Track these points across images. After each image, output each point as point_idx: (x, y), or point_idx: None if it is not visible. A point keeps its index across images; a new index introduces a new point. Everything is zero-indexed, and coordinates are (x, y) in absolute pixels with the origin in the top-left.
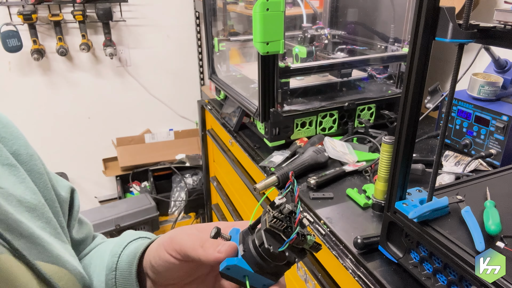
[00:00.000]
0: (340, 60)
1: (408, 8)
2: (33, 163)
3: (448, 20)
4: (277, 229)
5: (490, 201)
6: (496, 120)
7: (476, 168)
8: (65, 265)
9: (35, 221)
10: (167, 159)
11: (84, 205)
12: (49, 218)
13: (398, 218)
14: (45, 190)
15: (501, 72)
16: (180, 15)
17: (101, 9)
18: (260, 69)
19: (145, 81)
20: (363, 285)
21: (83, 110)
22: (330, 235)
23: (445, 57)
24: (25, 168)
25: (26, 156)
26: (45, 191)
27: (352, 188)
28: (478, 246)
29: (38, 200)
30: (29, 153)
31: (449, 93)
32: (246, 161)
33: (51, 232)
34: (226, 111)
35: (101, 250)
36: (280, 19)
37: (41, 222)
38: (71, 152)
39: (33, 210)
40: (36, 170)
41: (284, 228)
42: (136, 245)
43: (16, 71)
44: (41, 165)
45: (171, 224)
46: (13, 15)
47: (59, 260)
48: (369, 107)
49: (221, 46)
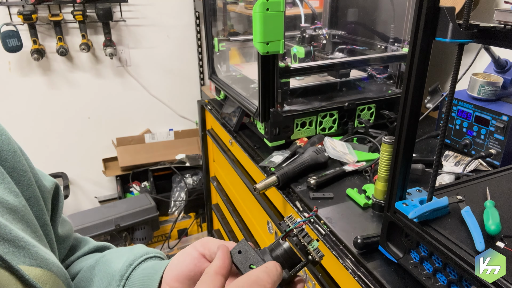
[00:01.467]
0: (340, 60)
1: (408, 8)
2: (16, 160)
3: (448, 20)
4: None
5: (490, 201)
6: (496, 120)
7: (476, 168)
8: (50, 268)
9: (16, 223)
10: (167, 159)
11: (84, 205)
12: (29, 220)
13: (398, 218)
14: (28, 188)
15: (501, 72)
16: (180, 15)
17: (101, 9)
18: (260, 69)
19: (145, 81)
20: (363, 285)
21: (83, 110)
22: (330, 235)
23: (445, 57)
24: (7, 165)
25: (9, 153)
26: (28, 189)
27: (352, 188)
28: (478, 246)
29: (19, 201)
30: (12, 149)
31: (449, 93)
32: (246, 161)
33: (31, 235)
34: (226, 111)
35: (109, 256)
36: (280, 19)
37: (22, 224)
38: (71, 152)
39: (14, 212)
40: (20, 167)
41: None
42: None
43: (16, 71)
44: (25, 161)
45: (171, 224)
46: (13, 15)
47: (44, 262)
48: (369, 107)
49: (221, 46)
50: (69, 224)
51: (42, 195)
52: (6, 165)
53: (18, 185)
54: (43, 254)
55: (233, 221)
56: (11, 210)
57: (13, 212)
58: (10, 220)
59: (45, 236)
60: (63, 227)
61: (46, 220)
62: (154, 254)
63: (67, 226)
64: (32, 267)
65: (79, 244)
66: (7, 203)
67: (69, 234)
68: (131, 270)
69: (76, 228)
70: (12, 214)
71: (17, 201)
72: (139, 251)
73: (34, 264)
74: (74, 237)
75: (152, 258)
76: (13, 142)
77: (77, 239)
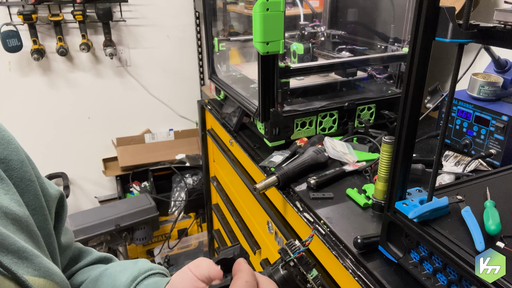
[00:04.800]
0: (340, 60)
1: (408, 8)
2: (23, 169)
3: (448, 20)
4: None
5: (490, 201)
6: (496, 120)
7: (476, 168)
8: (53, 278)
9: (19, 234)
10: (167, 159)
11: (84, 205)
12: (32, 231)
13: (398, 218)
14: (34, 198)
15: (501, 72)
16: (180, 15)
17: (101, 9)
18: (260, 69)
19: (145, 81)
20: (363, 285)
21: (83, 110)
22: (330, 235)
23: (445, 57)
24: (15, 175)
25: (17, 162)
26: (34, 199)
27: (352, 188)
28: (478, 246)
29: (23, 212)
30: (20, 159)
31: (449, 93)
32: (246, 161)
33: (33, 246)
34: (226, 111)
35: (113, 270)
36: (280, 19)
37: (24, 235)
38: (71, 152)
39: (18, 223)
40: (27, 177)
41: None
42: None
43: (16, 71)
44: (32, 170)
45: (171, 224)
46: (13, 15)
47: (47, 273)
48: (369, 107)
49: (221, 46)
50: (70, 232)
51: (47, 204)
52: (13, 175)
53: (24, 194)
54: (46, 265)
55: (233, 221)
56: (15, 220)
57: (17, 222)
58: (14, 231)
59: (48, 246)
60: (65, 236)
61: (50, 230)
62: (158, 270)
63: (69, 234)
64: (36, 278)
65: (82, 254)
66: (12, 214)
67: (70, 243)
68: (135, 286)
69: (76, 228)
70: (16, 225)
71: (22, 211)
72: (143, 267)
73: (37, 275)
74: (77, 247)
75: (156, 274)
76: (22, 151)
77: (80, 249)
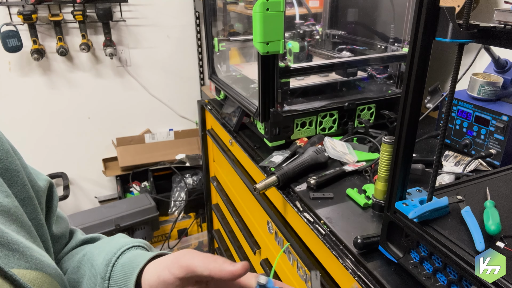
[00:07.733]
0: (340, 60)
1: (408, 8)
2: (9, 160)
3: (448, 20)
4: None
5: (490, 201)
6: (496, 120)
7: (476, 168)
8: (45, 270)
9: (10, 225)
10: (167, 159)
11: (84, 205)
12: (23, 221)
13: (398, 218)
14: (22, 188)
15: (501, 72)
16: (180, 15)
17: (101, 9)
18: (260, 69)
19: (145, 81)
20: (363, 285)
21: (83, 110)
22: (330, 235)
23: (445, 57)
24: (0, 165)
25: (1, 153)
26: (21, 189)
27: (352, 188)
28: (478, 246)
29: (12, 202)
30: (4, 149)
31: (449, 93)
32: (246, 161)
33: (25, 236)
34: (226, 111)
35: (90, 255)
36: (280, 19)
37: (16, 226)
38: (71, 152)
39: (7, 214)
40: (13, 167)
41: None
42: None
43: (16, 71)
44: (17, 161)
45: (171, 224)
46: (13, 15)
47: (39, 264)
48: (369, 107)
49: (221, 46)
50: (65, 221)
51: (36, 194)
52: None
53: (11, 185)
54: (38, 256)
55: (233, 221)
56: (4, 212)
57: (6, 214)
58: (4, 222)
59: (40, 236)
60: (58, 225)
61: (41, 220)
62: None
63: (63, 223)
64: (27, 270)
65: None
66: (0, 205)
67: (65, 231)
68: (110, 270)
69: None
70: (5, 216)
71: (10, 202)
72: (115, 246)
73: (28, 267)
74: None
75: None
76: (6, 141)
77: (70, 232)
